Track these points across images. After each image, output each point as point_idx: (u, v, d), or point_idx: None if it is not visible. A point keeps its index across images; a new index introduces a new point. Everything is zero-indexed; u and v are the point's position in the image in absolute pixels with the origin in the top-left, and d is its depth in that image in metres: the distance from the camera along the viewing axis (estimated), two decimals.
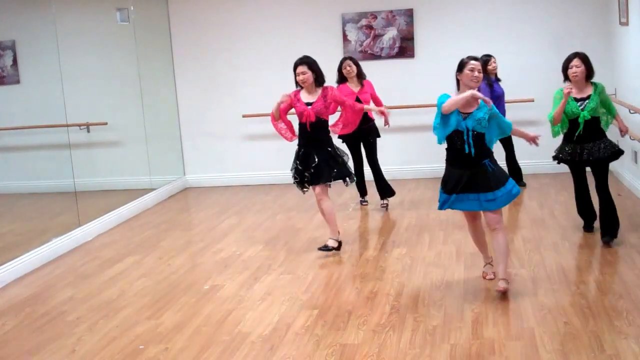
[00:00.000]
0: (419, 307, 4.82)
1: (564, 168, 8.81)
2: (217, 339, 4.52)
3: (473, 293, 5.02)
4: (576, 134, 5.78)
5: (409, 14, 8.91)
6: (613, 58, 8.42)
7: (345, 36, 9.05)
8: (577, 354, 3.97)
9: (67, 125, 7.58)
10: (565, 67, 5.79)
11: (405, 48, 8.97)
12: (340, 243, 6.15)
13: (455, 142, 4.96)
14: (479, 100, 4.85)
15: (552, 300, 4.78)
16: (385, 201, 7.63)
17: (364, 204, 7.80)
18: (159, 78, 9.27)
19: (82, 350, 4.49)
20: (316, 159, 6.01)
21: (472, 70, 4.83)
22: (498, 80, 7.95)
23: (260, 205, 8.24)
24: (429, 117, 8.88)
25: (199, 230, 7.39)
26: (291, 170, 6.23)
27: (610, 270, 5.28)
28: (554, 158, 6.12)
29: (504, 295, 4.86)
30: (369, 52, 9.02)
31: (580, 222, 6.62)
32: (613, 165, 8.56)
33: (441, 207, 5.08)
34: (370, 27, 8.99)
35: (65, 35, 7.44)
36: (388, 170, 9.18)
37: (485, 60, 7.59)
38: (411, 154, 9.06)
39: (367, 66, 9.01)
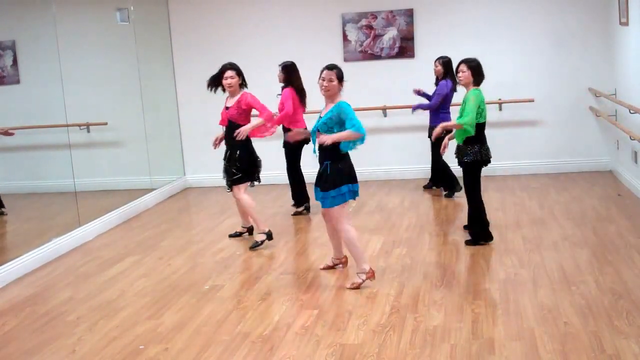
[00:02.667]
0: (419, 307, 4.82)
1: (564, 168, 8.87)
2: (217, 339, 4.52)
3: (473, 293, 5.02)
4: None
5: (409, 14, 8.91)
6: (613, 58, 8.42)
7: (345, 36, 9.05)
8: (577, 354, 3.97)
9: (67, 125, 7.58)
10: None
11: (405, 48, 8.97)
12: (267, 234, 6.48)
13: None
14: (336, 101, 5.20)
15: (552, 300, 4.79)
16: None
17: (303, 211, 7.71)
18: (159, 78, 9.27)
19: (82, 350, 4.49)
20: (227, 158, 6.49)
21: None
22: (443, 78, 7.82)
23: (260, 205, 8.22)
24: (429, 117, 8.91)
25: (199, 230, 7.39)
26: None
27: (610, 270, 5.28)
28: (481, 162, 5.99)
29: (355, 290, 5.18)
30: (369, 52, 9.02)
31: (580, 222, 6.63)
32: (613, 165, 8.61)
33: None
34: (370, 27, 8.99)
35: (65, 36, 7.44)
36: (388, 170, 9.22)
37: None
38: (411, 154, 9.06)
39: (367, 66, 9.06)
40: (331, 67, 5.25)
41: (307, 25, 9.11)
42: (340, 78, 5.23)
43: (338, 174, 5.18)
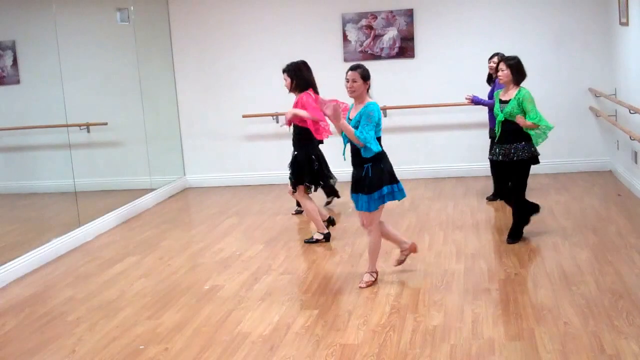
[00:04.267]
0: (419, 307, 4.83)
1: (564, 168, 8.86)
2: (217, 339, 4.52)
3: (473, 293, 5.02)
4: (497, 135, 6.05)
5: (409, 14, 8.91)
6: (613, 58, 8.42)
7: (345, 36, 9.05)
8: (577, 354, 3.97)
9: (67, 126, 7.57)
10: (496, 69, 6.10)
11: (405, 48, 8.97)
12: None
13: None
14: (366, 101, 5.16)
15: (552, 300, 4.79)
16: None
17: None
18: (159, 78, 9.27)
19: (82, 350, 4.49)
20: (293, 160, 6.52)
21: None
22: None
23: (260, 205, 8.24)
24: (429, 117, 8.96)
25: (199, 230, 7.39)
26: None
27: (610, 270, 5.28)
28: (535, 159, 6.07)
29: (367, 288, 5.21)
30: (369, 52, 9.01)
31: (580, 222, 6.63)
32: (613, 165, 8.61)
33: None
34: (370, 27, 8.99)
35: (65, 35, 7.44)
36: None
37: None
38: (411, 154, 9.06)
39: (367, 66, 9.02)
40: (354, 67, 5.19)
41: (307, 25, 9.11)
42: (364, 77, 5.15)
43: (381, 174, 5.12)
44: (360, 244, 6.38)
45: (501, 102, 5.97)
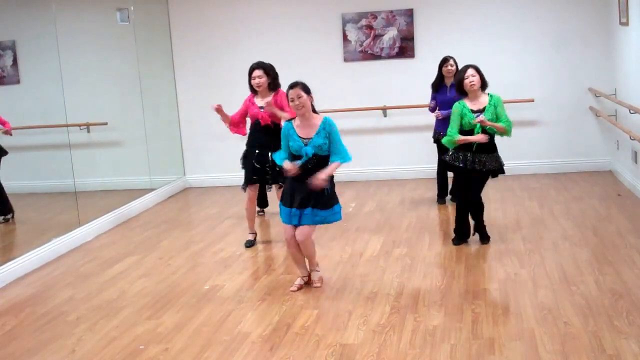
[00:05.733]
0: (419, 307, 4.82)
1: (564, 168, 8.86)
2: (217, 339, 4.52)
3: (473, 293, 5.02)
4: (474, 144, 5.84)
5: (409, 14, 8.91)
6: (613, 58, 8.42)
7: (345, 36, 9.05)
8: (577, 354, 3.97)
9: (67, 125, 7.58)
10: (461, 79, 5.84)
11: (405, 48, 8.97)
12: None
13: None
14: (317, 125, 5.06)
15: (552, 300, 4.79)
16: None
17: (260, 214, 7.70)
18: (159, 78, 9.27)
19: (82, 350, 4.49)
20: (270, 160, 6.27)
21: None
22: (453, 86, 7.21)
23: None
24: (429, 117, 8.92)
25: (199, 230, 7.39)
26: (245, 169, 6.50)
27: (610, 270, 5.28)
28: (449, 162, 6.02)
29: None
30: (369, 52, 9.01)
31: (580, 222, 6.63)
32: (613, 165, 8.61)
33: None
34: (370, 27, 8.99)
35: (65, 35, 7.44)
36: (388, 170, 9.21)
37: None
38: (411, 154, 9.06)
39: (367, 66, 9.06)
40: (293, 85, 5.04)
41: (307, 25, 9.11)
42: (307, 91, 5.07)
43: (333, 189, 5.20)
44: (360, 244, 6.39)
45: (473, 112, 5.80)
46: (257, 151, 6.39)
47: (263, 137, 6.35)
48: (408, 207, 7.62)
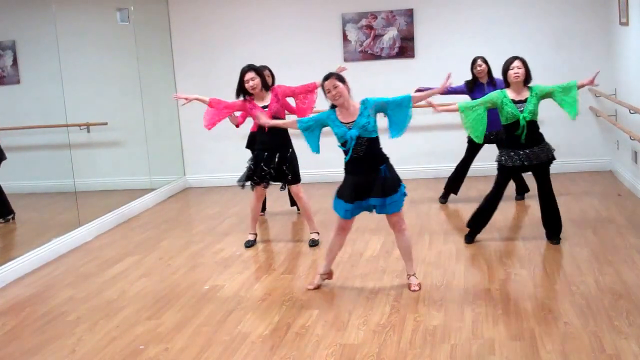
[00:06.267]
0: (419, 307, 4.82)
1: (564, 168, 8.86)
2: (217, 339, 4.52)
3: (473, 293, 5.02)
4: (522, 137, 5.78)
5: (409, 14, 8.91)
6: (613, 58, 8.42)
7: (345, 36, 9.05)
8: (577, 354, 3.97)
9: (67, 125, 7.58)
10: (506, 69, 5.86)
11: (405, 48, 8.97)
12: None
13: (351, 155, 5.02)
14: (357, 108, 4.99)
15: (552, 300, 4.79)
16: None
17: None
18: (159, 78, 9.27)
19: (82, 350, 4.49)
20: (276, 160, 6.24)
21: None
22: (489, 83, 7.36)
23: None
24: (429, 117, 8.92)
25: (199, 230, 7.39)
26: (249, 172, 6.36)
27: (610, 270, 5.28)
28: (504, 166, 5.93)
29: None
30: (369, 52, 9.01)
31: (580, 222, 6.63)
32: (613, 165, 8.61)
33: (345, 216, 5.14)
34: (370, 27, 8.99)
35: (65, 35, 7.44)
36: None
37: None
38: (411, 154, 9.06)
39: (367, 66, 9.06)
40: (328, 76, 5.01)
41: (307, 25, 9.11)
42: (342, 80, 5.02)
43: (394, 172, 5.09)
44: (360, 244, 6.38)
45: (515, 102, 5.78)
46: (265, 154, 6.28)
47: (268, 138, 6.26)
48: (408, 207, 7.57)
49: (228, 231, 7.14)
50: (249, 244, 6.54)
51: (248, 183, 6.41)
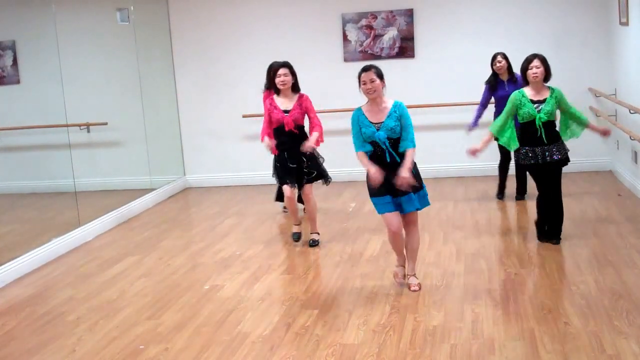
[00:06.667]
0: (419, 307, 4.82)
1: (565, 168, 8.83)
2: (217, 339, 4.52)
3: (473, 293, 5.02)
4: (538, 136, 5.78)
5: (409, 14, 8.91)
6: (613, 58, 8.42)
7: (345, 36, 9.05)
8: (577, 354, 3.97)
9: (67, 125, 7.58)
10: (525, 68, 5.80)
11: (405, 48, 8.97)
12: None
13: (375, 152, 4.99)
14: (388, 108, 4.95)
15: (552, 300, 4.79)
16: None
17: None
18: (159, 78, 9.27)
19: (82, 350, 4.49)
20: (297, 160, 6.21)
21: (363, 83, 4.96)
22: (510, 80, 7.40)
23: (260, 205, 8.24)
24: (429, 117, 8.95)
25: (199, 230, 7.39)
26: (275, 174, 6.40)
27: (610, 270, 5.28)
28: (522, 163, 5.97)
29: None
30: (369, 52, 9.01)
31: (580, 222, 6.62)
32: (613, 165, 8.61)
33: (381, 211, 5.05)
34: (370, 27, 8.99)
35: (65, 35, 7.44)
36: None
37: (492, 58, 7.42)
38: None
39: None
40: (367, 68, 4.98)
41: (307, 25, 9.11)
42: (380, 76, 4.98)
43: (417, 169, 5.05)
44: (360, 244, 6.38)
45: (533, 102, 5.74)
46: (285, 153, 6.22)
47: (288, 141, 6.20)
48: None
49: (228, 231, 7.14)
50: (297, 238, 6.50)
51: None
